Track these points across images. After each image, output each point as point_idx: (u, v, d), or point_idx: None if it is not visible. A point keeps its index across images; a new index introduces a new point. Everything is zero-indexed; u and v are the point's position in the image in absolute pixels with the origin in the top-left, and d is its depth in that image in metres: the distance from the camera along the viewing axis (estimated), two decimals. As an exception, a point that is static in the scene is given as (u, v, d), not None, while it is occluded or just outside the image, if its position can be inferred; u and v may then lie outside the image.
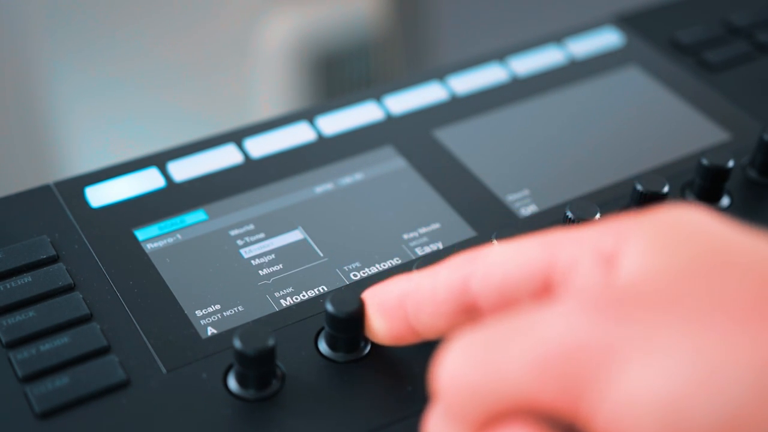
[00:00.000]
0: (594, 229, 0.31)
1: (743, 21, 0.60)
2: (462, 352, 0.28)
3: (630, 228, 0.30)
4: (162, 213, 0.46)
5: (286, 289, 0.42)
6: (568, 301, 0.27)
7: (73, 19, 1.12)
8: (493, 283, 0.32)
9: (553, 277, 0.31)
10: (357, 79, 1.27)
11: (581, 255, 0.30)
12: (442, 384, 0.29)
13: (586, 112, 0.53)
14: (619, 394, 0.25)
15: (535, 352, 0.27)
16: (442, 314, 0.34)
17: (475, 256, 0.33)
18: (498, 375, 0.27)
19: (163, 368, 0.39)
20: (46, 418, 0.37)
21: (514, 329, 0.28)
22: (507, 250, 0.32)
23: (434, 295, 0.34)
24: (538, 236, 0.32)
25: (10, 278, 0.41)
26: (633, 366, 0.25)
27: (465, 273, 0.33)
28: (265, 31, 1.21)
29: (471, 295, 0.33)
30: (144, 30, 1.16)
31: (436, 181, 0.48)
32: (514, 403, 0.27)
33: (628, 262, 0.29)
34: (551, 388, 0.26)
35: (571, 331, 0.26)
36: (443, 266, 0.34)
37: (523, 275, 0.31)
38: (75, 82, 1.14)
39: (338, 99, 0.53)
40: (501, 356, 0.27)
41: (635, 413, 0.25)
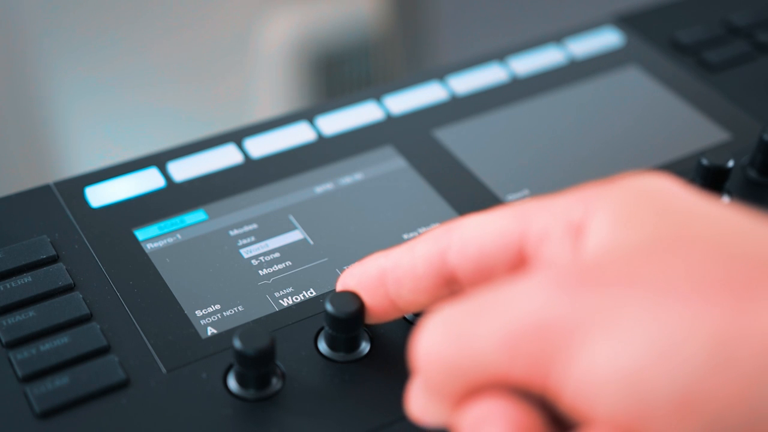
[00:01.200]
0: (564, 198, 0.31)
1: (743, 21, 0.60)
2: (437, 327, 0.29)
3: (597, 197, 0.30)
4: (162, 213, 0.46)
5: (286, 289, 0.42)
6: (535, 276, 0.28)
7: (72, 19, 1.12)
8: (469, 255, 0.33)
9: (527, 247, 0.31)
10: (357, 79, 1.27)
11: (552, 225, 0.31)
12: (419, 359, 0.29)
13: (586, 112, 0.53)
14: (584, 367, 0.26)
15: (504, 329, 0.27)
16: (422, 289, 0.35)
17: (450, 228, 0.34)
18: (471, 351, 0.28)
19: (163, 368, 0.39)
20: (46, 418, 0.37)
21: (485, 305, 0.28)
22: (481, 221, 0.33)
23: (413, 270, 0.35)
24: (511, 206, 0.32)
25: (10, 278, 0.41)
26: (596, 340, 0.26)
27: (441, 246, 0.34)
28: (265, 31, 1.21)
29: (449, 267, 0.33)
30: (144, 30, 1.16)
31: (436, 181, 0.48)
32: (488, 377, 0.28)
33: (595, 235, 0.29)
34: (520, 363, 0.27)
35: (537, 308, 0.27)
36: (420, 240, 0.35)
37: (497, 246, 0.32)
38: (75, 82, 1.14)
39: (338, 99, 0.53)
40: (473, 332, 0.28)
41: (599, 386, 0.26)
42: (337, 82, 1.26)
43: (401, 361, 0.40)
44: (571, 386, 0.26)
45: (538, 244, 0.31)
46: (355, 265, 0.38)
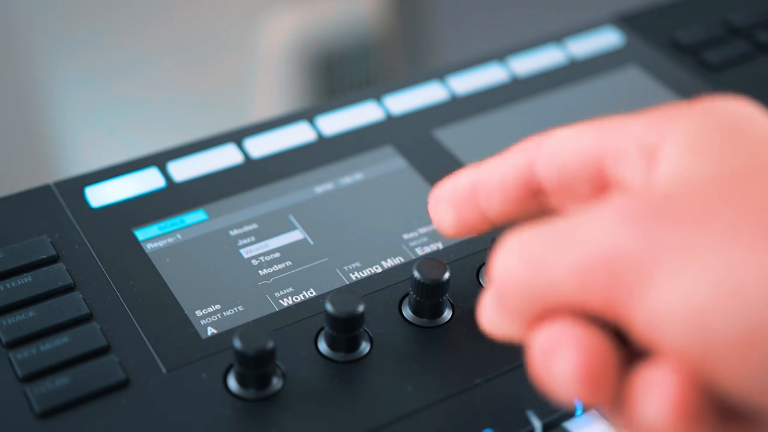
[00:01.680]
0: (641, 119, 0.31)
1: (743, 21, 0.60)
2: (516, 249, 0.30)
3: (672, 121, 0.30)
4: (162, 213, 0.46)
5: (286, 289, 0.42)
6: (608, 207, 0.28)
7: (72, 20, 1.12)
8: (554, 168, 0.34)
9: (605, 166, 0.32)
10: (357, 79, 1.27)
11: (627, 146, 0.31)
12: (496, 277, 0.30)
13: (586, 112, 0.53)
14: (654, 301, 0.27)
15: (577, 258, 0.28)
16: (512, 199, 0.36)
17: (540, 141, 0.35)
18: (546, 277, 0.29)
19: (163, 368, 0.39)
20: (46, 418, 0.37)
21: (560, 234, 0.29)
22: (566, 136, 0.34)
23: (503, 181, 0.36)
24: (595, 122, 0.33)
25: (10, 278, 0.41)
26: (666, 276, 0.26)
27: (530, 157, 0.35)
28: (265, 31, 1.21)
29: (536, 179, 0.35)
30: (144, 30, 1.16)
31: (436, 181, 0.48)
32: (561, 302, 0.29)
33: (667, 160, 0.30)
34: (592, 292, 0.28)
35: (612, 239, 0.27)
36: (509, 153, 0.36)
37: (578, 162, 0.33)
38: (75, 82, 1.14)
39: (338, 99, 0.53)
40: (549, 259, 0.29)
41: (667, 319, 0.26)
42: (337, 82, 1.26)
43: (401, 361, 0.40)
44: (642, 316, 0.27)
45: (614, 163, 0.32)
46: (446, 180, 0.39)
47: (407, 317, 0.41)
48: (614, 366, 0.28)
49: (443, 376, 0.39)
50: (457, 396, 0.39)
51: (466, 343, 0.40)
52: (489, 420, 0.38)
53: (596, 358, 0.28)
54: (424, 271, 0.39)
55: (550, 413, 0.38)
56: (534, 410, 0.38)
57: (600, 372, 0.28)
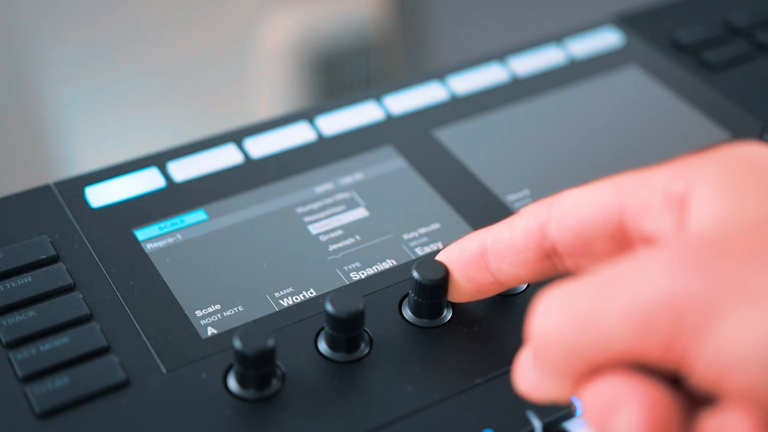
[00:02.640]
0: (663, 171, 0.31)
1: (743, 21, 0.60)
2: (555, 304, 0.29)
3: (697, 169, 0.30)
4: (162, 213, 0.46)
5: (286, 289, 0.42)
6: (659, 252, 0.28)
7: (73, 20, 1.11)
8: (569, 228, 0.33)
9: (626, 221, 0.32)
10: (357, 79, 1.27)
11: (651, 198, 0.31)
12: (538, 337, 0.29)
13: (586, 112, 0.53)
14: (721, 342, 0.26)
15: (636, 305, 0.27)
16: (522, 262, 0.35)
17: (550, 202, 0.34)
18: (596, 329, 0.28)
19: (163, 368, 0.39)
20: (46, 418, 0.37)
21: (610, 282, 0.28)
22: (581, 195, 0.33)
23: (514, 244, 0.35)
24: (610, 180, 0.33)
25: (10, 278, 0.41)
26: (734, 314, 0.26)
27: (541, 220, 0.34)
28: (265, 31, 1.21)
29: (549, 240, 0.34)
30: (144, 30, 1.16)
31: (436, 181, 0.48)
32: (615, 356, 0.28)
33: (701, 208, 0.29)
34: (654, 340, 0.27)
35: (670, 284, 0.27)
36: (519, 215, 0.35)
37: (597, 219, 0.32)
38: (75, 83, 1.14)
39: (338, 99, 0.53)
40: (599, 310, 0.28)
41: (737, 361, 0.26)
42: (337, 82, 1.26)
43: (401, 361, 0.40)
44: (706, 360, 0.26)
45: (638, 218, 0.31)
46: (453, 243, 0.39)
47: (407, 317, 0.41)
48: (679, 416, 0.27)
49: (443, 376, 0.39)
50: (457, 396, 0.39)
51: (466, 343, 0.40)
52: (489, 420, 0.38)
53: (661, 410, 0.27)
54: (424, 271, 0.39)
55: (550, 413, 0.38)
56: (534, 410, 0.38)
57: (666, 424, 0.27)
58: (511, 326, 0.41)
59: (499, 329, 0.41)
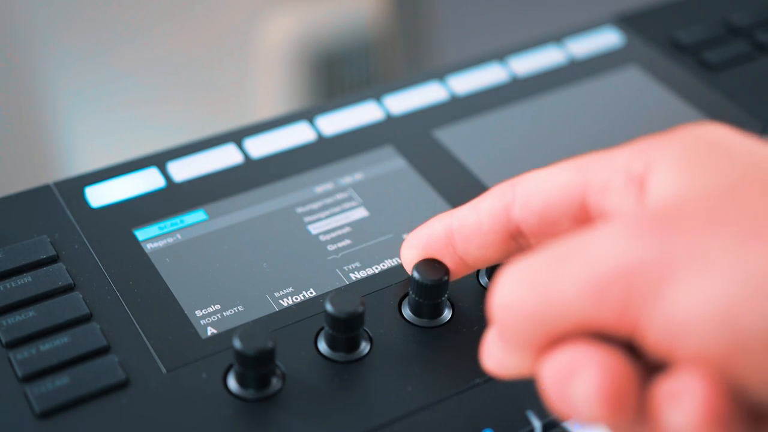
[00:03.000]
0: (623, 150, 0.32)
1: (743, 21, 0.60)
2: (515, 278, 0.29)
3: (657, 148, 0.31)
4: (162, 213, 0.46)
5: (286, 289, 0.42)
6: (614, 224, 0.28)
7: (73, 19, 1.12)
8: (533, 209, 0.34)
9: (589, 200, 0.32)
10: (357, 79, 1.27)
11: (612, 177, 0.31)
12: (499, 310, 0.30)
13: (586, 112, 0.53)
14: (673, 306, 0.26)
15: (591, 275, 0.27)
16: (489, 244, 0.36)
17: (514, 183, 0.35)
18: (554, 299, 0.28)
19: (163, 368, 0.39)
20: (46, 418, 0.37)
21: (566, 254, 0.28)
22: (544, 176, 0.34)
23: (479, 227, 0.36)
24: (572, 160, 0.33)
25: (10, 278, 0.41)
26: (685, 280, 0.26)
27: (505, 201, 0.35)
28: (265, 31, 1.21)
29: (514, 221, 0.35)
30: (144, 30, 1.16)
31: (436, 181, 0.48)
32: (572, 325, 0.28)
33: (659, 184, 0.30)
34: (609, 308, 0.27)
35: (624, 252, 0.27)
36: (483, 198, 0.36)
37: (560, 199, 0.33)
38: (75, 82, 1.14)
39: (338, 99, 0.53)
40: (556, 281, 0.28)
41: (690, 323, 0.26)
42: (337, 82, 1.26)
43: (401, 361, 0.40)
44: (659, 326, 0.27)
45: (600, 196, 0.32)
46: (419, 227, 0.39)
47: (407, 317, 0.41)
48: (635, 383, 0.28)
49: (443, 376, 0.39)
50: (457, 396, 0.39)
51: (466, 343, 0.40)
52: (489, 420, 0.38)
53: (617, 376, 0.27)
54: (424, 271, 0.39)
55: (549, 413, 0.38)
56: (534, 410, 0.38)
57: (623, 390, 0.27)
58: (511, 326, 0.41)
59: (499, 329, 0.41)
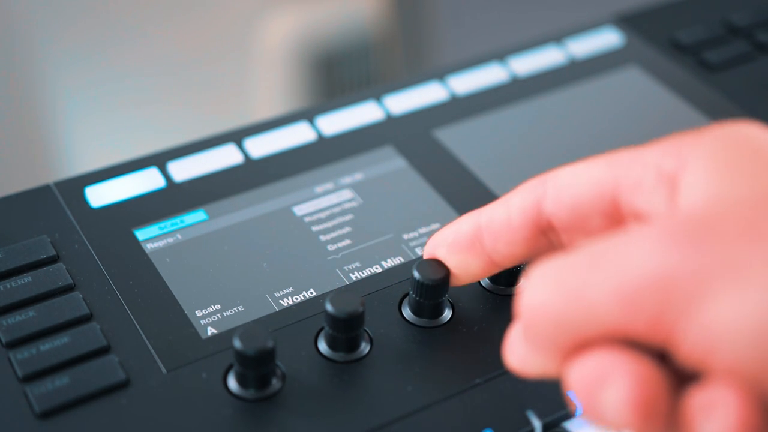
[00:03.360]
0: (656, 148, 0.31)
1: (743, 21, 0.60)
2: (546, 278, 0.29)
3: (690, 147, 0.30)
4: (162, 213, 0.46)
5: (286, 289, 0.42)
6: (649, 229, 0.28)
7: (72, 20, 1.12)
8: (564, 204, 0.33)
9: (620, 197, 0.32)
10: (357, 79, 1.27)
11: (643, 175, 0.31)
12: (526, 310, 0.29)
13: (586, 112, 0.53)
14: (709, 318, 0.26)
15: (624, 282, 0.27)
16: (519, 240, 0.35)
17: (545, 179, 0.34)
18: (584, 304, 0.28)
19: (163, 368, 0.39)
20: (46, 418, 0.37)
21: (599, 258, 0.28)
22: (576, 171, 0.33)
23: (509, 222, 0.35)
24: (604, 156, 0.33)
25: (10, 278, 0.41)
26: (722, 291, 0.26)
27: (536, 196, 0.34)
28: (265, 31, 1.21)
29: (544, 217, 0.34)
30: (144, 30, 1.16)
31: (436, 181, 0.48)
32: (601, 331, 0.28)
33: (692, 185, 0.29)
34: (641, 317, 0.27)
35: (659, 261, 0.27)
36: (514, 193, 0.35)
37: (591, 195, 0.32)
38: (75, 82, 1.14)
39: (338, 99, 0.53)
40: (587, 286, 0.28)
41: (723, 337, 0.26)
42: (337, 82, 1.26)
43: (401, 361, 0.40)
44: (693, 337, 0.26)
45: (632, 194, 0.31)
46: (446, 226, 0.38)
47: (407, 317, 0.41)
48: (666, 391, 0.27)
49: (443, 376, 0.39)
50: (457, 396, 0.39)
51: (466, 343, 0.40)
52: (489, 420, 0.38)
53: (648, 385, 0.27)
54: (424, 271, 0.39)
55: (550, 413, 0.38)
56: (534, 410, 0.38)
57: (654, 399, 0.27)
58: (511, 326, 0.41)
59: (499, 329, 0.41)
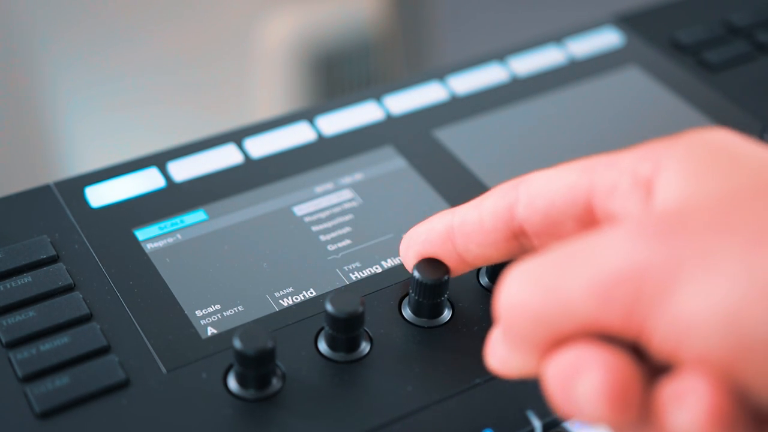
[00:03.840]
0: (631, 154, 0.32)
1: (743, 21, 0.60)
2: (522, 278, 0.29)
3: (664, 152, 0.31)
4: (162, 213, 0.46)
5: (286, 289, 0.42)
6: (621, 226, 0.28)
7: (73, 19, 1.12)
8: (537, 209, 0.34)
9: (594, 201, 0.32)
10: (357, 79, 1.27)
11: (619, 179, 0.31)
12: (504, 310, 0.30)
13: (586, 112, 0.53)
14: (679, 309, 0.26)
15: (598, 276, 0.28)
16: (490, 242, 0.36)
17: (518, 183, 0.35)
18: (559, 300, 0.28)
19: (163, 368, 0.39)
20: (46, 418, 0.37)
21: (573, 255, 0.29)
22: (549, 176, 0.34)
23: (481, 225, 0.36)
24: (577, 162, 0.33)
25: (10, 278, 0.41)
26: (692, 283, 0.26)
27: (509, 200, 0.35)
28: (265, 31, 1.21)
29: (517, 221, 0.35)
30: (144, 30, 1.16)
31: (436, 181, 0.48)
32: (577, 326, 0.28)
33: (666, 188, 0.30)
34: (615, 310, 0.27)
35: (630, 255, 0.27)
36: (487, 196, 0.36)
37: (565, 200, 0.33)
38: (75, 82, 1.14)
39: (338, 99, 0.53)
40: (563, 282, 0.28)
41: (695, 326, 0.26)
42: (337, 82, 1.26)
43: (401, 361, 0.40)
44: (664, 328, 0.27)
45: (607, 198, 0.32)
46: (420, 223, 0.39)
47: (407, 317, 0.41)
48: (640, 383, 0.28)
49: (443, 376, 0.39)
50: (457, 396, 0.39)
51: (466, 343, 0.40)
52: (489, 420, 0.38)
53: (621, 376, 0.27)
54: (424, 271, 0.39)
55: (550, 413, 0.38)
56: (534, 410, 0.38)
57: (627, 389, 0.27)
58: (511, 326, 0.41)
59: (499, 329, 0.41)
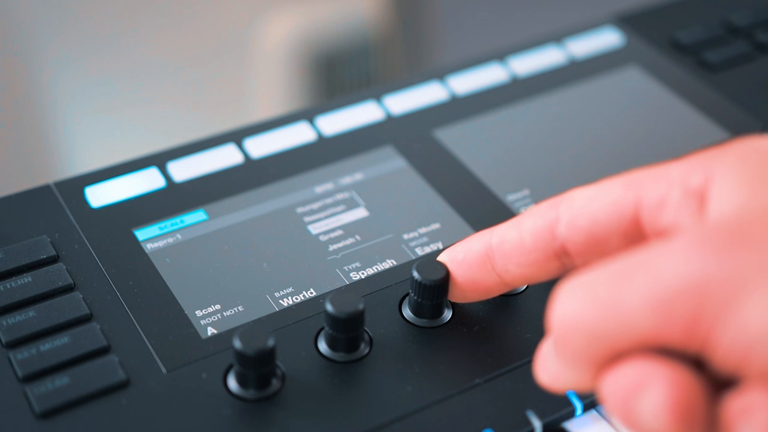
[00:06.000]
0: (679, 165, 0.31)
1: (743, 21, 0.60)
2: (578, 292, 0.29)
3: (715, 161, 0.30)
4: (162, 213, 0.46)
5: (286, 289, 0.42)
6: (680, 239, 0.28)
7: (73, 19, 1.12)
8: (580, 228, 0.33)
9: (642, 216, 0.32)
10: (357, 79, 1.27)
11: (668, 192, 0.31)
12: (558, 325, 0.29)
13: (586, 112, 0.53)
14: (743, 323, 0.26)
15: (658, 291, 0.27)
16: (531, 262, 0.35)
17: (558, 202, 0.34)
18: (619, 315, 0.28)
19: (163, 368, 0.39)
20: (46, 418, 0.37)
21: (631, 269, 0.28)
22: (591, 194, 0.33)
23: (522, 245, 0.35)
24: (619, 177, 0.33)
25: (10, 278, 0.41)
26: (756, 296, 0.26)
27: (550, 220, 0.34)
28: (265, 31, 1.21)
29: (559, 241, 0.34)
30: (144, 30, 1.16)
31: (436, 181, 0.48)
32: (635, 341, 0.28)
33: (720, 198, 0.29)
34: (676, 324, 0.27)
35: (692, 267, 0.27)
36: (526, 215, 0.35)
37: (610, 217, 0.32)
38: (75, 82, 1.14)
39: (338, 99, 0.53)
40: (620, 296, 0.28)
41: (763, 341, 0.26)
42: (337, 82, 1.26)
43: (401, 361, 0.40)
44: (728, 342, 0.26)
45: (656, 212, 0.31)
46: (457, 243, 0.38)
47: (407, 317, 0.41)
48: (704, 397, 0.27)
49: (443, 376, 0.39)
50: (457, 396, 0.39)
51: (466, 343, 0.40)
52: (489, 420, 0.38)
53: (686, 391, 0.27)
54: (424, 271, 0.39)
55: (550, 413, 0.38)
56: (534, 410, 0.38)
57: (692, 404, 0.27)
58: (511, 326, 0.41)
59: (499, 329, 0.41)
